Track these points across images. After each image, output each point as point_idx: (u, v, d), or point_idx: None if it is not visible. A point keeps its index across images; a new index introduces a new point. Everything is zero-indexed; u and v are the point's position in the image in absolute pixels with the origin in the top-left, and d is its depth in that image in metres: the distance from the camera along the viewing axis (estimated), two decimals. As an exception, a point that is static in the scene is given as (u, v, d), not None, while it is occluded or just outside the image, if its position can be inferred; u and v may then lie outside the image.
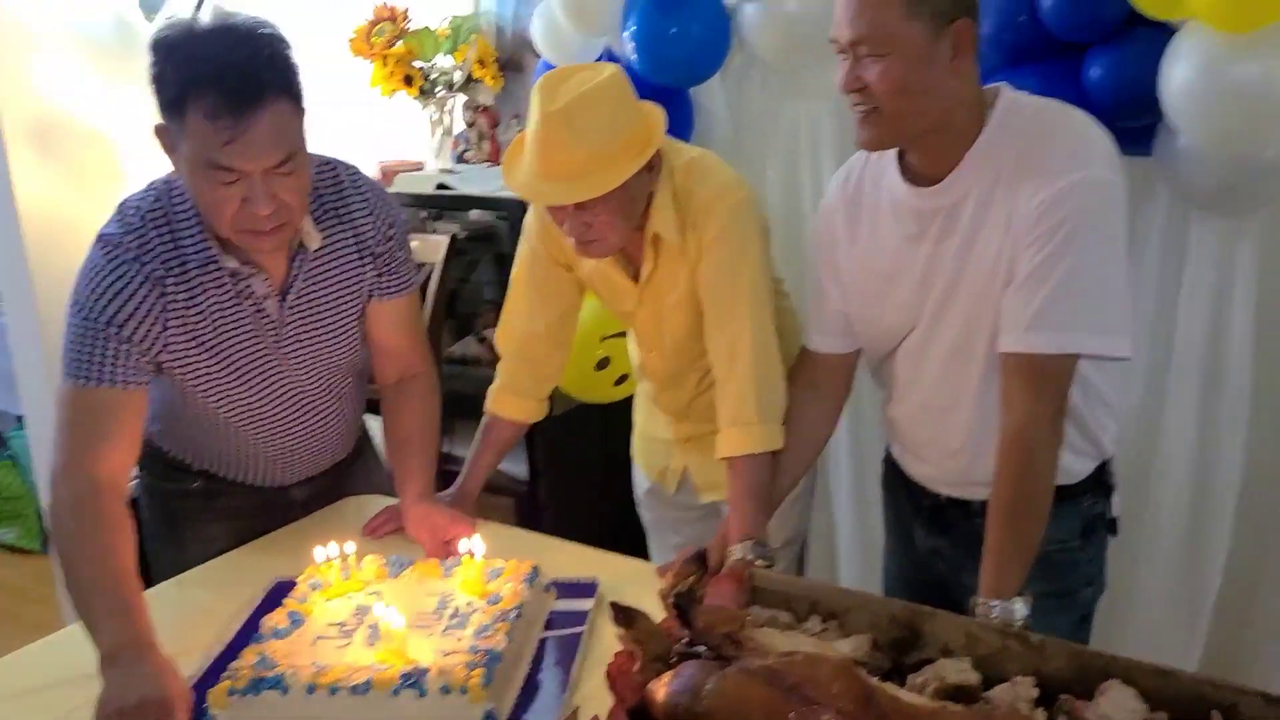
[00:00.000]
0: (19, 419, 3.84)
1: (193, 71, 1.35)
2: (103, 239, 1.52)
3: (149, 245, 1.51)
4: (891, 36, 1.34)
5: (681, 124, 2.47)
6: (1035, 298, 1.36)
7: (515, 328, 1.85)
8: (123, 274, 1.49)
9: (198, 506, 1.77)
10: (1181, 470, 2.07)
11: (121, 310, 1.49)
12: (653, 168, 1.63)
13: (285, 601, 1.46)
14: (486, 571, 1.49)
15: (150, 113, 1.43)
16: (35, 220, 2.71)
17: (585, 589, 1.55)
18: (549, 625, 1.48)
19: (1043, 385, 1.37)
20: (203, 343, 1.56)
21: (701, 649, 1.11)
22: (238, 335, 1.58)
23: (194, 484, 1.76)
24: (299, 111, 1.44)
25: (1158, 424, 2.10)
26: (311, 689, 1.24)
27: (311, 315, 1.64)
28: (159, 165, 1.51)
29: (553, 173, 1.55)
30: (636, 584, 1.48)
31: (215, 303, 1.55)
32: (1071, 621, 1.59)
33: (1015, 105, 1.43)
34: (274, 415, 1.67)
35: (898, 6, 1.33)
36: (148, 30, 2.82)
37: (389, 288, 1.71)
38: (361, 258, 1.66)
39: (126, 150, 2.79)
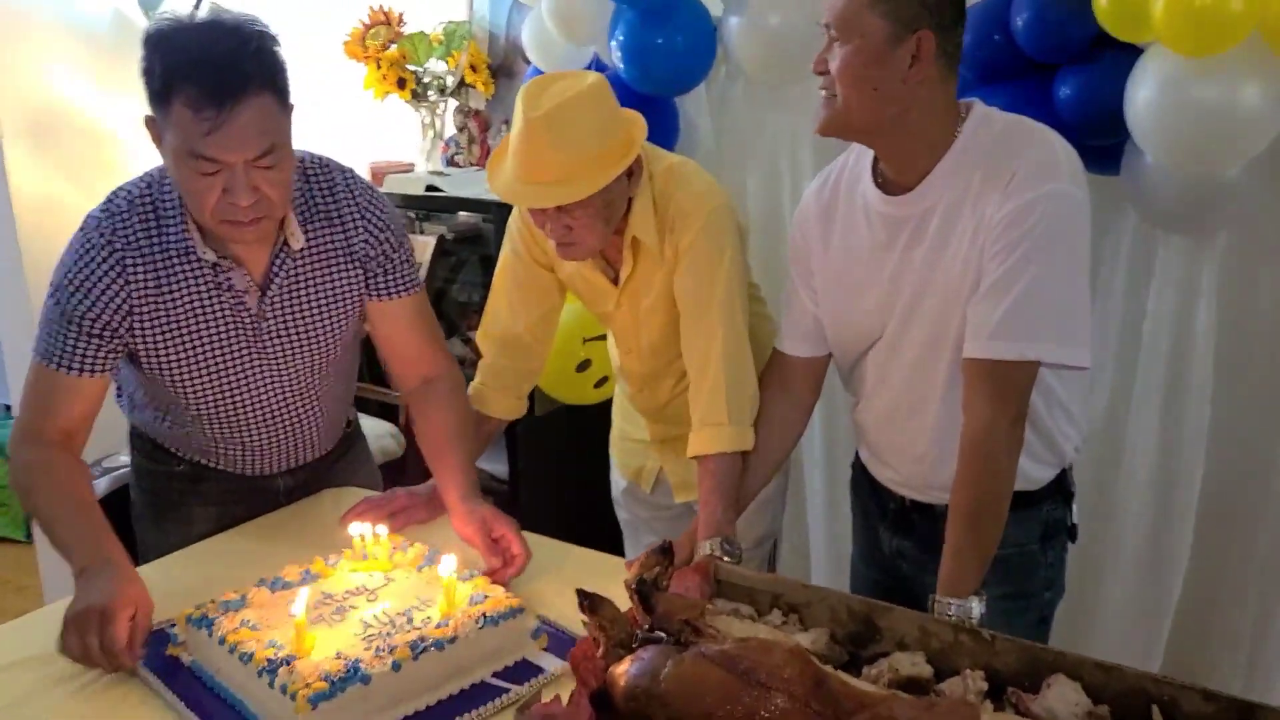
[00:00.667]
0: (7, 408, 3.86)
1: (178, 63, 1.38)
2: (85, 222, 1.56)
3: (127, 231, 1.54)
4: (855, 24, 1.41)
5: (666, 132, 2.51)
6: (999, 307, 1.40)
7: (497, 327, 1.89)
8: (90, 260, 1.53)
9: (182, 489, 1.79)
10: (1144, 481, 2.11)
11: (86, 300, 1.53)
12: (632, 174, 1.67)
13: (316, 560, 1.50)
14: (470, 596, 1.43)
15: (140, 110, 1.47)
16: (29, 213, 2.73)
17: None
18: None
19: (1004, 392, 1.41)
20: (176, 332, 1.58)
21: (662, 635, 1.15)
22: (213, 327, 1.60)
23: (179, 467, 1.78)
24: (284, 107, 1.47)
25: (1122, 435, 2.14)
26: (223, 643, 1.29)
27: (291, 313, 1.65)
28: (153, 159, 1.54)
29: (534, 177, 1.59)
30: (606, 577, 1.51)
31: (192, 293, 1.57)
32: (1030, 623, 1.63)
33: (986, 120, 1.48)
34: (249, 408, 1.69)
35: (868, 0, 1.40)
36: (144, 27, 2.85)
37: (386, 288, 1.72)
38: (349, 262, 1.67)
39: (121, 144, 2.82)
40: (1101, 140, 1.92)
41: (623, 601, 1.22)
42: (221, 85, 1.37)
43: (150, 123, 1.47)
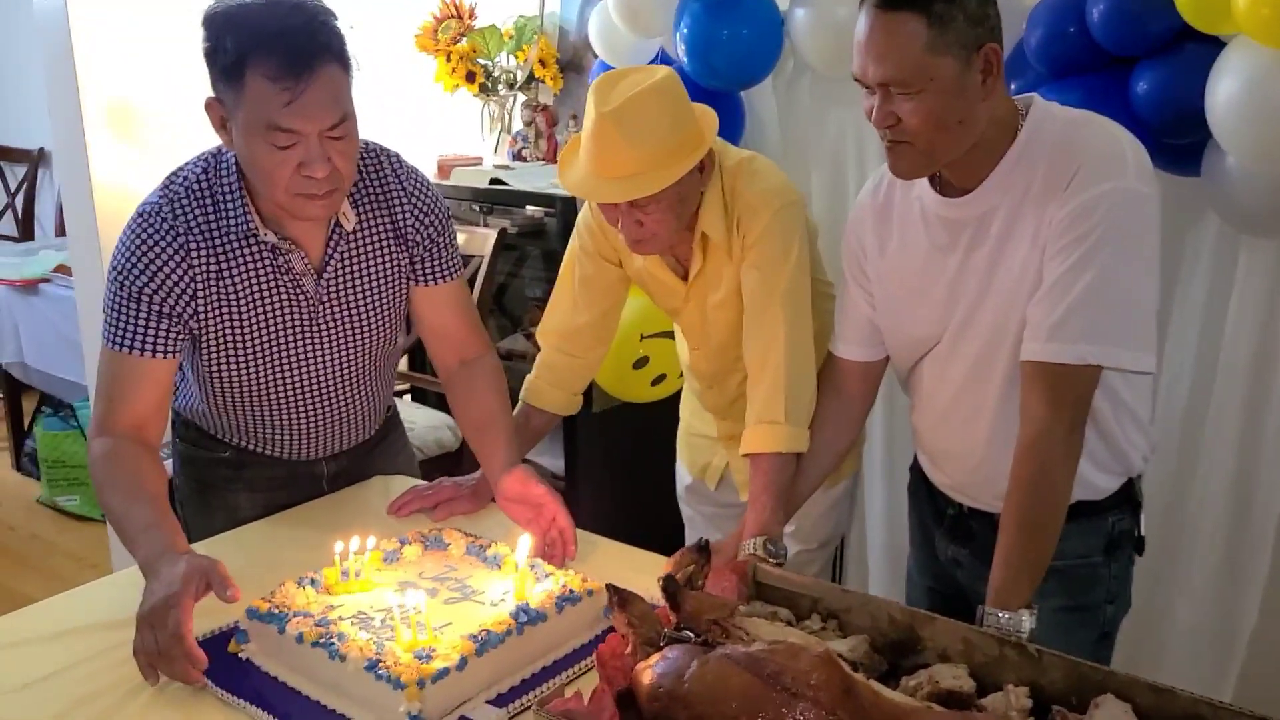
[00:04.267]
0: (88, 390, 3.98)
1: (253, 37, 1.41)
2: (142, 208, 1.58)
3: (186, 214, 1.56)
4: (921, 75, 1.33)
5: (731, 127, 2.48)
6: (1058, 307, 1.35)
7: (559, 321, 1.89)
8: (154, 244, 1.54)
9: (227, 475, 1.81)
10: (1220, 495, 2.03)
11: (151, 281, 1.55)
12: (704, 169, 1.66)
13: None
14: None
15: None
16: (108, 199, 2.82)
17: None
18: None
19: (1061, 396, 1.36)
20: (237, 313, 1.60)
21: (689, 634, 1.12)
22: (273, 309, 1.63)
23: (225, 453, 1.81)
24: (348, 78, 1.49)
25: (1197, 447, 2.06)
26: (301, 640, 1.28)
27: (347, 295, 1.67)
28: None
29: (606, 172, 1.59)
30: (647, 574, 1.49)
31: (252, 276, 1.60)
32: (1092, 638, 1.57)
33: (1047, 116, 1.42)
34: (302, 391, 1.71)
35: (921, 45, 1.32)
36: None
37: (431, 273, 1.74)
38: (397, 243, 1.70)
39: (194, 132, 2.89)
40: (1181, 139, 1.84)
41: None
42: (298, 56, 1.40)
43: (213, 105, 1.49)
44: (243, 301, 1.60)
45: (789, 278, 1.68)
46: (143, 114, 2.86)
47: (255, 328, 1.63)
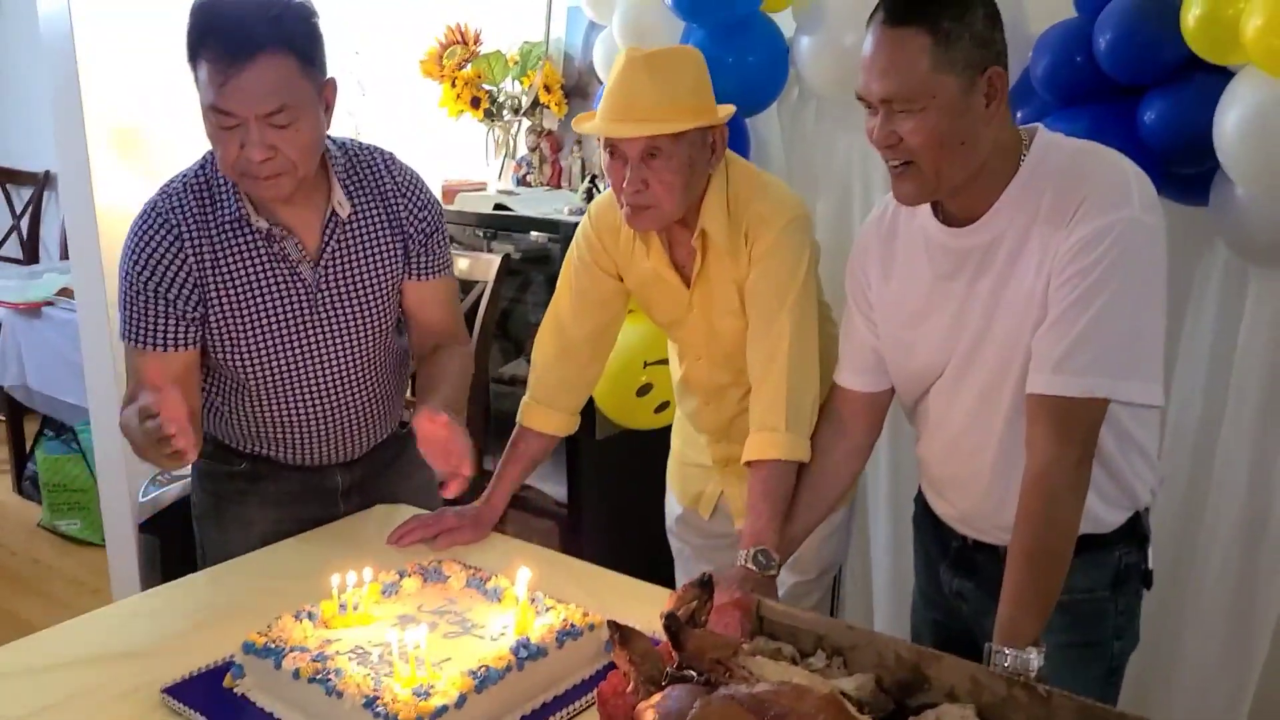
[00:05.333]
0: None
1: (206, 22, 1.51)
2: (142, 208, 1.66)
3: (181, 207, 1.64)
4: (924, 91, 1.33)
5: (737, 152, 2.46)
6: (1064, 339, 1.34)
7: (555, 333, 1.88)
8: (150, 238, 1.63)
9: (241, 489, 1.84)
10: (1230, 529, 2.01)
11: (152, 276, 1.63)
12: (714, 149, 1.69)
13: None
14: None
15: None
16: (112, 222, 2.80)
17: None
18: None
19: (1068, 429, 1.34)
20: (236, 301, 1.66)
21: (692, 674, 1.10)
22: (270, 297, 1.68)
23: (240, 465, 1.83)
24: (307, 72, 1.55)
25: (1207, 480, 2.04)
26: (297, 676, 1.26)
27: (344, 282, 1.72)
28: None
29: (628, 115, 1.63)
30: (649, 606, 1.47)
31: (248, 263, 1.66)
32: (1099, 674, 1.55)
33: (1052, 146, 1.41)
34: (305, 383, 1.74)
35: (926, 62, 1.32)
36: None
37: (424, 269, 1.79)
38: (393, 233, 1.75)
39: (199, 156, 2.89)
40: (1189, 168, 1.83)
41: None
42: (240, 41, 1.48)
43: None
44: (240, 289, 1.66)
45: (798, 290, 1.69)
46: (147, 138, 2.85)
47: (255, 315, 1.68)
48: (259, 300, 1.67)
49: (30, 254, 5.20)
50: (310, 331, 1.71)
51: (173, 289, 1.63)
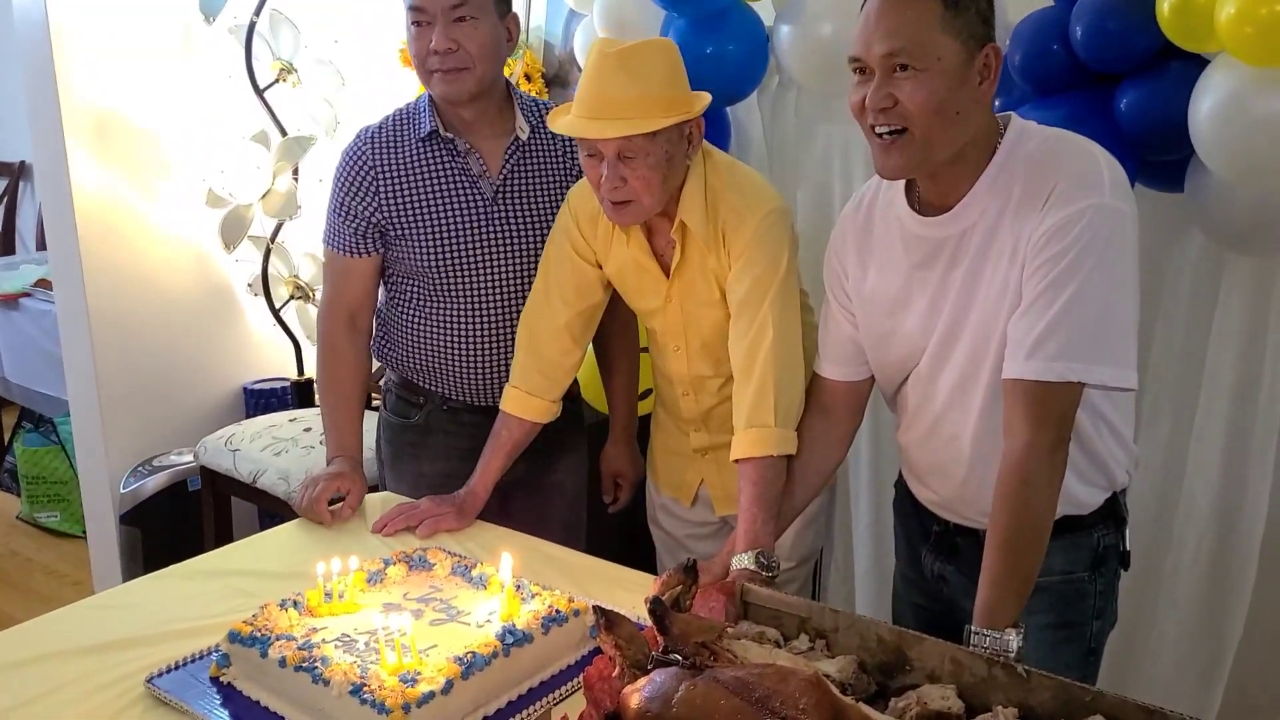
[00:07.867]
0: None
1: None
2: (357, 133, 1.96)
3: (383, 128, 1.92)
4: (930, 50, 1.33)
5: (717, 142, 2.46)
6: (1037, 325, 1.35)
7: (536, 319, 1.88)
8: (351, 156, 1.92)
9: (413, 441, 2.06)
10: (1205, 513, 2.03)
11: (349, 188, 1.90)
12: (691, 141, 1.69)
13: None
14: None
15: (198, 112, 1.51)
16: (88, 213, 2.79)
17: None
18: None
19: (1044, 414, 1.36)
20: (417, 208, 1.89)
21: (677, 657, 1.12)
22: (451, 206, 1.89)
23: (415, 417, 2.05)
24: None
25: (1182, 462, 2.06)
26: (284, 664, 1.27)
27: (520, 201, 1.92)
28: (206, 162, 1.58)
29: (602, 112, 1.62)
30: (634, 593, 1.49)
31: (432, 171, 1.90)
32: (1079, 654, 1.57)
33: (1025, 133, 1.43)
34: (483, 297, 1.93)
35: (936, 22, 1.33)
36: (206, 33, 2.91)
37: None
38: (570, 160, 1.95)
39: (179, 146, 2.87)
40: (1164, 156, 1.84)
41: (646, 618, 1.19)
42: None
43: None
44: (425, 195, 1.89)
45: (778, 281, 1.69)
46: (124, 127, 2.84)
47: (434, 223, 1.89)
48: (440, 208, 1.88)
49: (6, 245, 5.16)
50: (486, 242, 1.90)
51: (361, 200, 1.89)
